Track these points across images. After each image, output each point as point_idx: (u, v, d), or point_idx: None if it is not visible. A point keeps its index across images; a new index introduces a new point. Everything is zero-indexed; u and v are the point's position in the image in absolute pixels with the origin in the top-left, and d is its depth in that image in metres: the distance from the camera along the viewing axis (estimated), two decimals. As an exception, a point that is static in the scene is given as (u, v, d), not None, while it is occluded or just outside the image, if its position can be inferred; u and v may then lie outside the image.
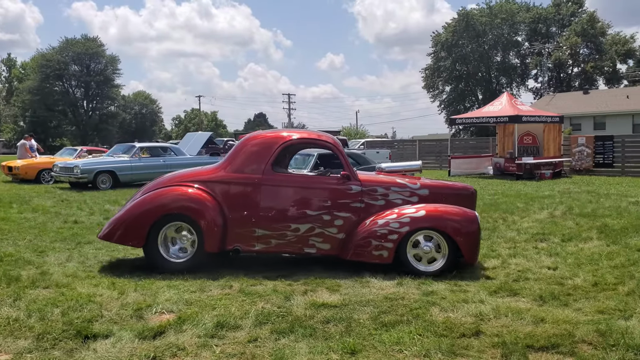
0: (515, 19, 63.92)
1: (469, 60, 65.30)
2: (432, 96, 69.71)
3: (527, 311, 4.77)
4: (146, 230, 6.28)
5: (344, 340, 4.15)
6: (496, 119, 21.54)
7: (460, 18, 64.26)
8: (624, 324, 4.42)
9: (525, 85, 68.68)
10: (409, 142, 34.56)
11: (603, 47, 60.07)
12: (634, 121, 36.74)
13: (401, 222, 6.16)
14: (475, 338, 4.20)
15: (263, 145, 6.60)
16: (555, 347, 3.97)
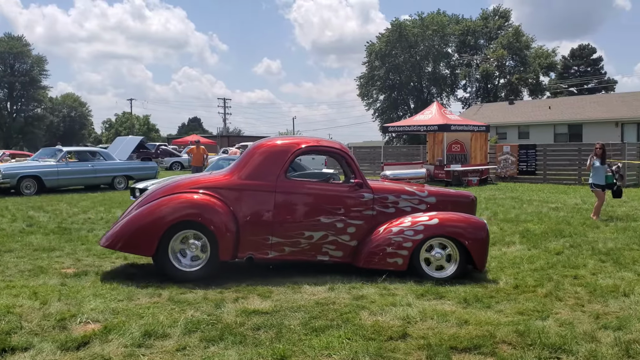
0: (445, 30, 66.15)
1: (401, 70, 66.95)
2: (367, 104, 71.00)
3: (452, 313, 4.94)
4: (158, 238, 6.04)
5: (274, 346, 4.16)
6: (426, 127, 22.18)
7: (393, 29, 65.83)
8: (541, 324, 4.65)
9: (454, 95, 71.21)
10: (343, 148, 34.98)
11: (527, 60, 63.11)
12: (555, 131, 38.75)
13: (415, 230, 6.24)
14: (402, 340, 4.31)
15: (277, 152, 6.54)
16: (477, 347, 4.13)
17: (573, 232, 9.30)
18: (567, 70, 66.78)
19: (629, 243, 8.31)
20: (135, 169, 19.34)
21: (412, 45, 65.49)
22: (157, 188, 6.74)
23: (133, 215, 6.33)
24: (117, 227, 6.41)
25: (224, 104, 74.39)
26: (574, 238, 8.80)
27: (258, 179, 6.38)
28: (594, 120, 36.63)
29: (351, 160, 6.65)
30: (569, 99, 47.67)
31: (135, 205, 6.65)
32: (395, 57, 65.91)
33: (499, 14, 67.72)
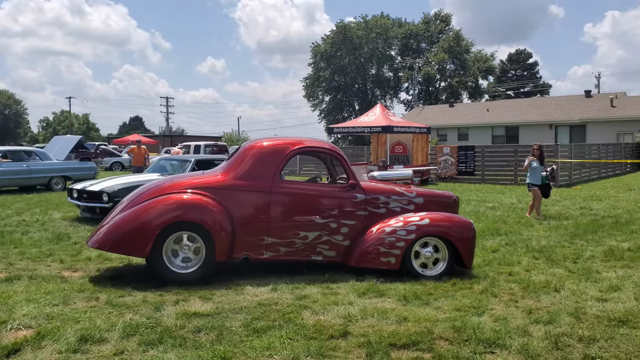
0: (389, 33, 67.25)
1: (346, 71, 67.58)
2: (313, 105, 71.29)
3: (392, 311, 5.04)
4: (153, 239, 5.93)
5: (214, 348, 4.13)
6: (370, 128, 22.47)
7: (338, 30, 66.37)
8: (477, 319, 4.81)
9: (398, 97, 72.52)
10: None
11: (467, 64, 64.98)
12: (493, 133, 40.08)
13: (408, 229, 6.38)
14: (343, 339, 4.36)
15: (272, 152, 6.56)
16: (415, 344, 4.23)
17: (509, 231, 9.65)
18: (505, 74, 69.18)
19: (560, 240, 8.69)
20: (73, 170, 18.67)
21: (356, 48, 66.23)
22: (148, 187, 6.60)
23: (125, 215, 6.16)
24: (107, 228, 6.22)
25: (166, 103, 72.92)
26: (509, 236, 9.13)
27: (253, 179, 6.39)
28: (529, 122, 38.11)
29: (344, 161, 6.76)
30: (506, 102, 49.41)
31: (125, 205, 6.47)
32: (340, 59, 66.47)
33: (440, 18, 69.45)
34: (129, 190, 10.78)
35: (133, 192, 6.89)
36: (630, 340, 4.30)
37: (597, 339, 4.32)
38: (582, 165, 22.42)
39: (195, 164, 12.22)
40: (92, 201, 10.85)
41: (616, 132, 34.08)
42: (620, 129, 34.03)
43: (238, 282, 6.08)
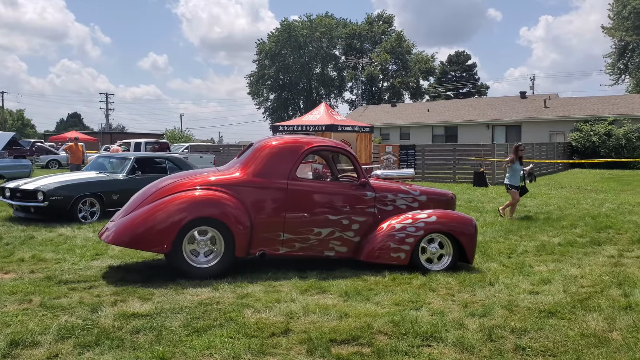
0: (333, 33, 67.75)
1: (291, 70, 67.62)
2: (258, 103, 70.92)
3: (334, 307, 5.10)
4: (174, 235, 6.00)
5: (153, 349, 4.06)
6: (315, 127, 22.60)
7: (283, 28, 66.32)
8: (415, 314, 4.93)
9: (342, 96, 73.14)
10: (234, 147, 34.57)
11: (409, 65, 66.29)
12: (433, 132, 41.02)
13: (417, 226, 6.64)
14: (284, 336, 4.38)
15: (288, 151, 6.71)
16: (355, 339, 4.30)
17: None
18: (445, 75, 70.95)
19: (495, 236, 9.01)
20: (6, 167, 17.85)
21: (301, 46, 66.36)
22: (163, 184, 6.61)
23: (145, 211, 6.18)
24: (125, 223, 6.23)
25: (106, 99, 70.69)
26: (448, 233, 9.37)
27: (270, 176, 6.53)
28: (467, 122, 39.22)
29: (355, 160, 6.97)
30: (446, 102, 50.68)
31: (141, 201, 6.44)
32: (285, 57, 66.45)
33: (382, 19, 70.52)
34: (67, 189, 10.54)
35: (146, 188, 6.86)
36: (558, 330, 4.52)
37: (528, 330, 4.51)
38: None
39: (135, 162, 11.94)
40: (26, 200, 10.41)
41: (549, 132, 35.58)
42: (552, 129, 35.54)
43: (179, 281, 5.99)
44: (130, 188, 11.54)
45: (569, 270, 6.60)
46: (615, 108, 34.59)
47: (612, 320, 4.76)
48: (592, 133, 31.80)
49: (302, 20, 68.38)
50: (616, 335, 4.43)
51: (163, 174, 12.42)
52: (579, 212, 11.93)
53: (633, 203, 13.48)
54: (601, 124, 32.22)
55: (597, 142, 31.35)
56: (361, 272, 6.52)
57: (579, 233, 9.27)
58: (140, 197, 6.64)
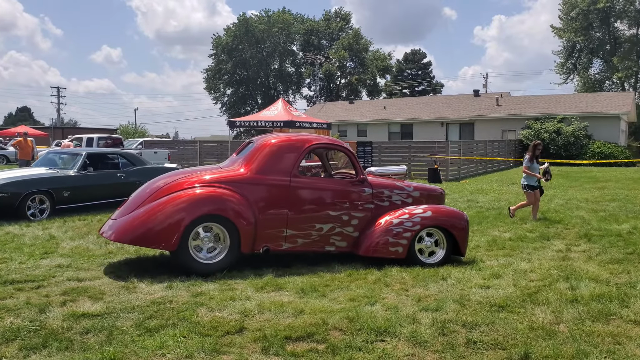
0: (291, 29, 67.52)
1: (249, 65, 67.11)
2: (214, 98, 70.11)
3: (289, 304, 5.09)
4: (181, 232, 6.03)
5: (103, 349, 3.97)
6: (272, 123, 22.52)
7: (240, 23, 65.71)
8: (369, 309, 4.98)
9: (300, 92, 73.02)
10: (190, 142, 34.13)
11: (366, 62, 66.70)
12: (389, 129, 41.48)
13: (413, 221, 6.83)
14: (239, 334, 4.35)
15: (290, 148, 6.84)
16: (310, 336, 4.30)
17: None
18: (401, 73, 71.75)
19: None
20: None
21: (258, 41, 65.91)
22: (166, 181, 6.63)
23: (151, 209, 6.22)
24: (129, 221, 6.26)
25: (57, 93, 68.50)
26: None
27: (273, 173, 6.65)
28: (423, 120, 39.82)
29: (353, 157, 7.14)
30: (402, 100, 51.31)
31: (144, 198, 6.46)
32: (242, 52, 65.89)
33: (340, 16, 70.72)
34: (15, 186, 10.17)
35: (149, 185, 6.83)
36: (508, 323, 4.64)
37: (479, 324, 4.61)
38: (470, 160, 23.80)
39: (87, 158, 11.64)
40: (-32, 197, 9.99)
41: (501, 130, 36.48)
42: (504, 126, 36.45)
43: (132, 280, 5.87)
44: (82, 185, 11.28)
45: (519, 265, 6.78)
46: (564, 106, 35.74)
47: (560, 313, 4.91)
48: (542, 131, 32.79)
49: (260, 15, 67.96)
50: (563, 327, 4.58)
51: (115, 170, 12.18)
52: (528, 207, 12.25)
53: (580, 199, 13.97)
54: (551, 122, 33.25)
55: (547, 140, 32.30)
56: (317, 268, 6.54)
57: (529, 228, 9.53)
58: (144, 194, 6.63)
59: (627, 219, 10.38)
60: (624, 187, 17.25)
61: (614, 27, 51.92)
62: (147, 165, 13.22)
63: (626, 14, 50.62)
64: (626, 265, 6.80)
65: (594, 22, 50.15)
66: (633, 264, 6.87)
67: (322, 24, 69.17)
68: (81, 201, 11.32)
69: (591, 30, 51.01)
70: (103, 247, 7.71)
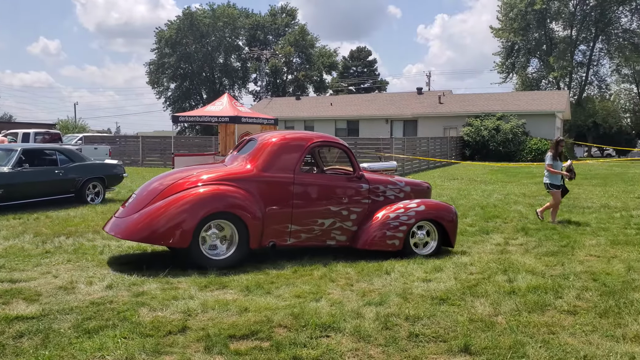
0: (236, 23, 66.76)
1: (193, 59, 65.97)
2: (158, 92, 68.54)
3: (233, 302, 5.05)
4: (193, 230, 6.15)
5: (38, 353, 3.82)
6: (217, 118, 22.14)
7: (184, 17, 64.44)
8: (315, 305, 4.99)
9: (246, 87, 72.38)
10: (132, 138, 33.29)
11: (312, 58, 66.79)
12: (336, 126, 41.71)
13: (409, 215, 7.12)
14: (181, 334, 4.28)
15: (293, 146, 7.05)
16: (255, 334, 4.28)
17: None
18: (347, 70, 72.26)
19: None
20: None
21: (203, 35, 64.85)
22: (172, 179, 6.69)
23: (161, 207, 6.28)
24: (139, 219, 6.29)
25: (-12, 86, 65.22)
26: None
27: (278, 171, 6.83)
28: (368, 117, 40.27)
29: (351, 154, 7.37)
30: (348, 96, 51.67)
31: (153, 196, 6.50)
32: (187, 46, 64.68)
33: (286, 11, 70.46)
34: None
35: (157, 182, 6.85)
36: (449, 316, 4.76)
37: (421, 317, 4.71)
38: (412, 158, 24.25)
39: (22, 154, 11.17)
40: None
41: (443, 127, 37.32)
42: (446, 123, 37.31)
43: (70, 280, 5.68)
44: (17, 182, 10.81)
45: (460, 259, 6.97)
46: (503, 104, 36.91)
47: (498, 305, 5.07)
48: (482, 128, 33.77)
49: (204, 9, 66.83)
50: (501, 319, 4.73)
51: (53, 167, 11.74)
52: (469, 202, 12.62)
53: (518, 194, 14.48)
54: (490, 119, 34.28)
55: (486, 137, 33.31)
56: (263, 265, 6.52)
57: (469, 222, 9.81)
58: (152, 191, 6.66)
59: (561, 213, 10.82)
60: (558, 183, 17.98)
61: (549, 28, 53.98)
62: (86, 161, 12.81)
63: (560, 15, 52.72)
64: (560, 257, 7.09)
65: (531, 22, 51.93)
66: (567, 256, 7.18)
67: (268, 19, 68.74)
68: (16, 199, 10.86)
69: (529, 30, 52.83)
70: (40, 247, 7.43)
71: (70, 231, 8.67)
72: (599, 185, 16.91)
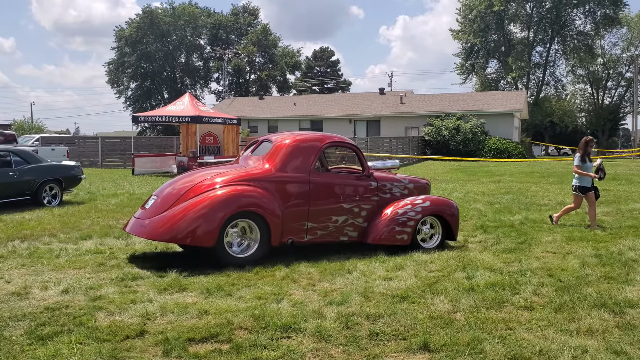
0: (197, 22, 66.03)
1: (154, 58, 64.98)
2: (118, 92, 67.25)
3: (193, 305, 4.97)
4: (219, 229, 6.34)
5: (-12, 362, 3.69)
6: (179, 118, 21.91)
7: (144, 15, 63.40)
8: (276, 306, 4.96)
9: (208, 87, 71.67)
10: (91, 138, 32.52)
11: (275, 58, 66.61)
12: (300, 125, 41.69)
13: (416, 210, 7.48)
14: (139, 338, 4.19)
15: (308, 146, 7.31)
16: (215, 336, 4.22)
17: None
18: (310, 70, 72.37)
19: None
20: None
21: (164, 34, 63.94)
22: (193, 181, 6.86)
23: (186, 208, 6.44)
24: (165, 219, 6.44)
25: (-62, 85, 62.80)
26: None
27: (294, 171, 7.08)
28: (332, 116, 40.42)
29: (360, 154, 7.68)
30: (312, 96, 51.76)
31: (176, 198, 6.66)
32: (147, 45, 63.67)
33: (248, 11, 70.05)
34: None
35: (177, 184, 7.01)
36: (409, 314, 4.80)
37: (381, 316, 4.73)
38: (376, 156, 24.43)
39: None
40: None
41: (405, 127, 37.76)
42: (408, 123, 37.76)
43: (24, 285, 5.51)
44: (-34, 184, 10.42)
45: (420, 256, 7.03)
46: (463, 104, 37.57)
47: (457, 302, 5.15)
48: (443, 127, 34.30)
49: (165, 7, 65.88)
50: (460, 315, 4.80)
51: (7, 169, 11.38)
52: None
53: (477, 192, 14.75)
54: (451, 119, 34.85)
55: (447, 136, 33.85)
56: (224, 267, 6.45)
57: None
58: (176, 192, 6.81)
59: (519, 211, 11.08)
60: (517, 181, 18.41)
61: (508, 30, 55.18)
62: (43, 162, 12.46)
63: (518, 17, 53.99)
64: (518, 254, 7.25)
65: (490, 24, 52.99)
66: (524, 252, 7.34)
67: (230, 18, 68.21)
68: (-34, 202, 10.47)
69: (488, 32, 53.88)
70: (-9, 252, 7.18)
71: (25, 235, 8.42)
72: (556, 183, 17.38)
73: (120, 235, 8.35)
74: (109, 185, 17.12)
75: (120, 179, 19.80)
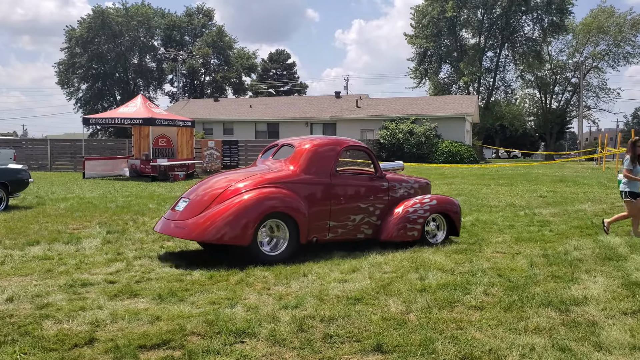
0: (151, 23, 64.95)
1: (106, 59, 63.54)
2: (68, 93, 65.42)
3: (145, 311, 4.87)
4: (254, 228, 6.70)
5: None
6: (131, 120, 21.45)
7: (96, 15, 61.96)
8: (229, 311, 4.91)
9: (162, 89, 70.53)
10: (40, 141, 31.46)
11: (231, 60, 66.13)
12: (256, 128, 41.55)
13: (424, 209, 8.04)
14: (88, 347, 4.08)
15: (328, 150, 7.74)
16: (166, 343, 4.15)
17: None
18: (267, 73, 72.23)
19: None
20: None
21: (116, 35, 62.60)
22: (229, 183, 7.16)
23: (223, 209, 6.74)
24: (204, 220, 6.72)
25: None
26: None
27: (316, 173, 7.50)
28: (288, 119, 40.40)
29: (373, 156, 8.24)
30: (268, 99, 51.66)
31: (211, 200, 6.94)
32: (99, 45, 62.19)
33: (202, 12, 69.35)
34: None
35: (210, 186, 7.29)
36: (363, 316, 4.83)
37: (336, 318, 4.75)
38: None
39: None
40: None
41: (361, 130, 38.12)
42: (364, 127, 38.14)
43: (-36, 295, 5.28)
44: None
45: (375, 258, 7.11)
46: (417, 108, 38.20)
47: (410, 303, 5.21)
48: (398, 131, 34.79)
49: (117, 7, 64.52)
50: (412, 316, 4.87)
51: (-53, 172, 10.88)
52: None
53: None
54: (405, 122, 35.39)
55: (401, 139, 34.34)
56: (176, 272, 6.35)
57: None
58: (210, 195, 7.08)
59: (470, 212, 11.33)
60: (468, 183, 18.84)
61: (460, 36, 56.46)
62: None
63: (470, 23, 55.34)
64: (469, 255, 7.41)
65: (442, 30, 54.13)
66: (475, 253, 7.51)
67: (184, 19, 67.36)
68: None
69: (440, 37, 55.00)
70: None
71: (-34, 241, 8.07)
72: (506, 185, 17.86)
73: (69, 240, 8.11)
74: (59, 189, 16.61)
75: (71, 183, 19.24)
